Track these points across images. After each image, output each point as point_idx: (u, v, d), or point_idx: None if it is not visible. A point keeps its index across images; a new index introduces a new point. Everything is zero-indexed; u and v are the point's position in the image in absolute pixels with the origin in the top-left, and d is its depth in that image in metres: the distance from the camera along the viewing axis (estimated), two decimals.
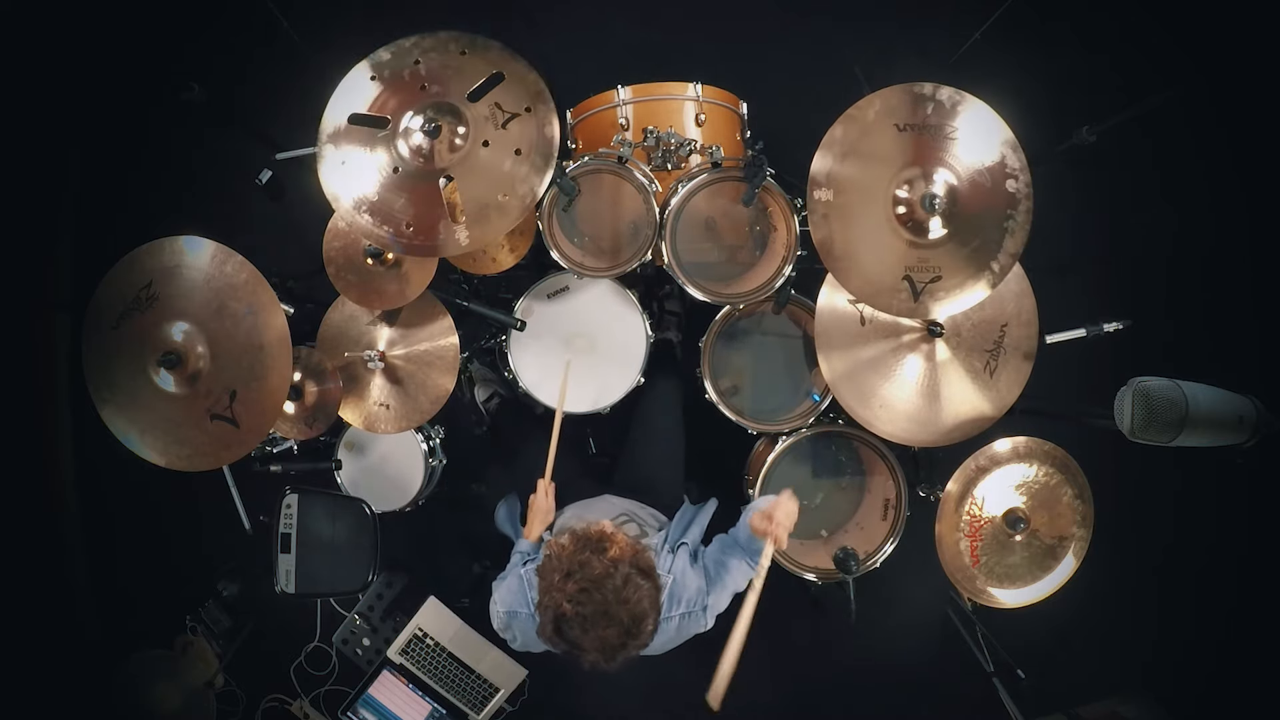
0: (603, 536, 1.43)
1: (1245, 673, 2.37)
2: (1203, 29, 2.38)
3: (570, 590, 1.36)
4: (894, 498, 2.00)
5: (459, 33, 1.66)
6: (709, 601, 1.62)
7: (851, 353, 1.85)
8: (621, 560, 1.39)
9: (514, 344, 2.03)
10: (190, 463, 1.72)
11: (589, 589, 1.36)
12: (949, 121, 1.64)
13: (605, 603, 1.35)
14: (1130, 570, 2.38)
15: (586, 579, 1.36)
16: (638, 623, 1.38)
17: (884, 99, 1.64)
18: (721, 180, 1.86)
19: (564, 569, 1.39)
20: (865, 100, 1.65)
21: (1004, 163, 1.64)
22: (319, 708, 2.54)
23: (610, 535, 1.44)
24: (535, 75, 1.66)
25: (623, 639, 1.37)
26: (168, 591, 2.54)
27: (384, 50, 1.67)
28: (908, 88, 1.64)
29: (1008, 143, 1.64)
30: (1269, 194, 2.41)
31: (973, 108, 1.64)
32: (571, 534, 1.45)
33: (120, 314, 1.68)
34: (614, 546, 1.41)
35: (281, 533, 1.96)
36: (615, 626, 1.36)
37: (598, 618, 1.35)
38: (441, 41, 1.66)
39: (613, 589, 1.36)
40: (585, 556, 1.39)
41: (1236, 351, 2.45)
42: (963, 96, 1.63)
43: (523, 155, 1.65)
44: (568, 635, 1.39)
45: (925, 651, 2.55)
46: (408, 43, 1.67)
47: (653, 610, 1.41)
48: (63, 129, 2.51)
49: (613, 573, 1.37)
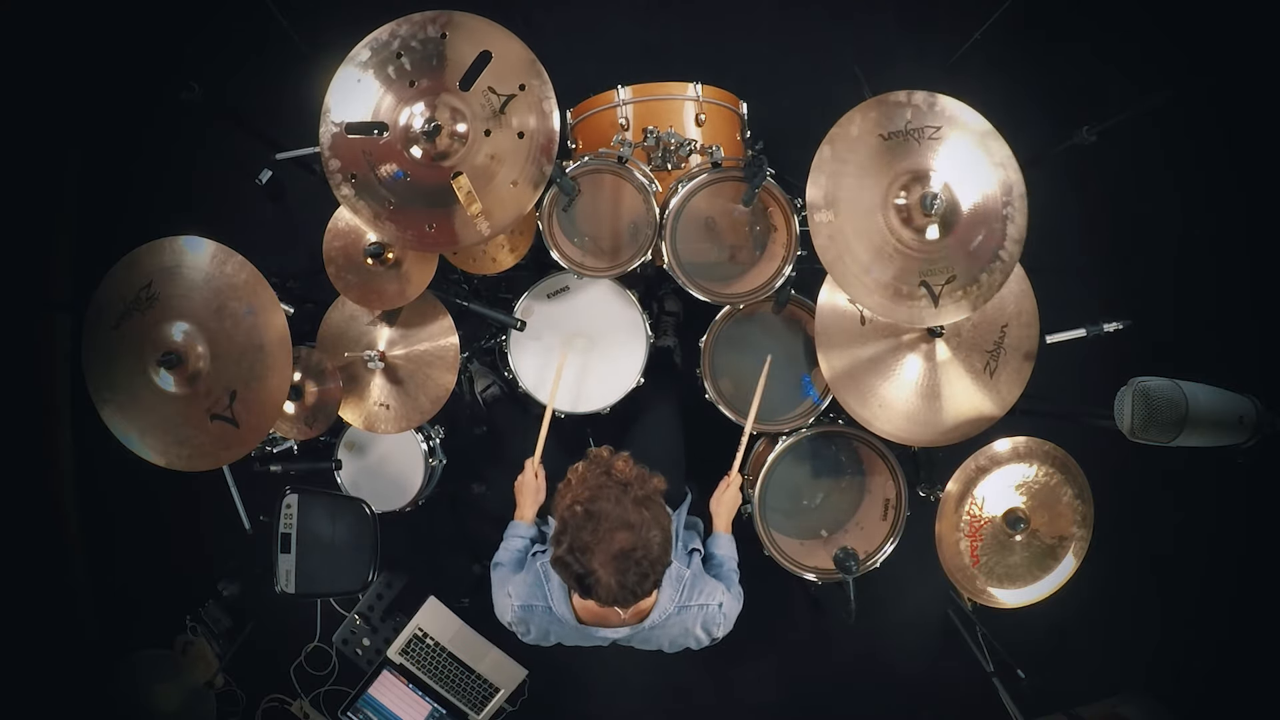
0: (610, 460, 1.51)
1: (1245, 672, 2.37)
2: (1203, 29, 2.38)
3: (580, 494, 1.43)
4: (894, 498, 2.00)
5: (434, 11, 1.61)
6: (723, 599, 1.64)
7: (851, 352, 1.85)
8: (628, 478, 1.46)
9: (514, 344, 2.03)
10: (190, 463, 1.72)
11: (598, 494, 1.42)
12: (929, 123, 1.65)
13: (614, 504, 1.40)
14: (1130, 570, 2.38)
15: (596, 484, 1.44)
16: (645, 526, 1.40)
17: (862, 113, 1.65)
18: (721, 180, 1.86)
19: (576, 483, 1.48)
20: (845, 118, 1.66)
21: (990, 153, 1.65)
22: (319, 708, 2.54)
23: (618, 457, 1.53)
24: (521, 44, 1.62)
25: (632, 543, 1.38)
26: (168, 591, 2.54)
27: (362, 48, 1.63)
28: (882, 99, 1.65)
29: (988, 133, 1.65)
30: (1269, 194, 2.41)
31: (948, 106, 1.65)
32: (586, 461, 1.54)
33: (120, 314, 1.68)
34: (620, 463, 1.50)
35: (281, 533, 1.96)
36: (623, 528, 1.38)
37: (608, 514, 1.39)
38: (418, 25, 1.62)
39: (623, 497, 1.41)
40: (596, 471, 1.48)
41: (1236, 351, 2.45)
42: (936, 98, 1.65)
43: (526, 137, 1.64)
44: (581, 543, 1.38)
45: (925, 651, 2.55)
46: (384, 33, 1.62)
47: (659, 523, 1.43)
48: (63, 129, 2.51)
49: (625, 487, 1.44)
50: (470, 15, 1.62)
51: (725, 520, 1.87)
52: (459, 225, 1.68)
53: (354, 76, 1.64)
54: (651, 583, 1.43)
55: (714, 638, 1.66)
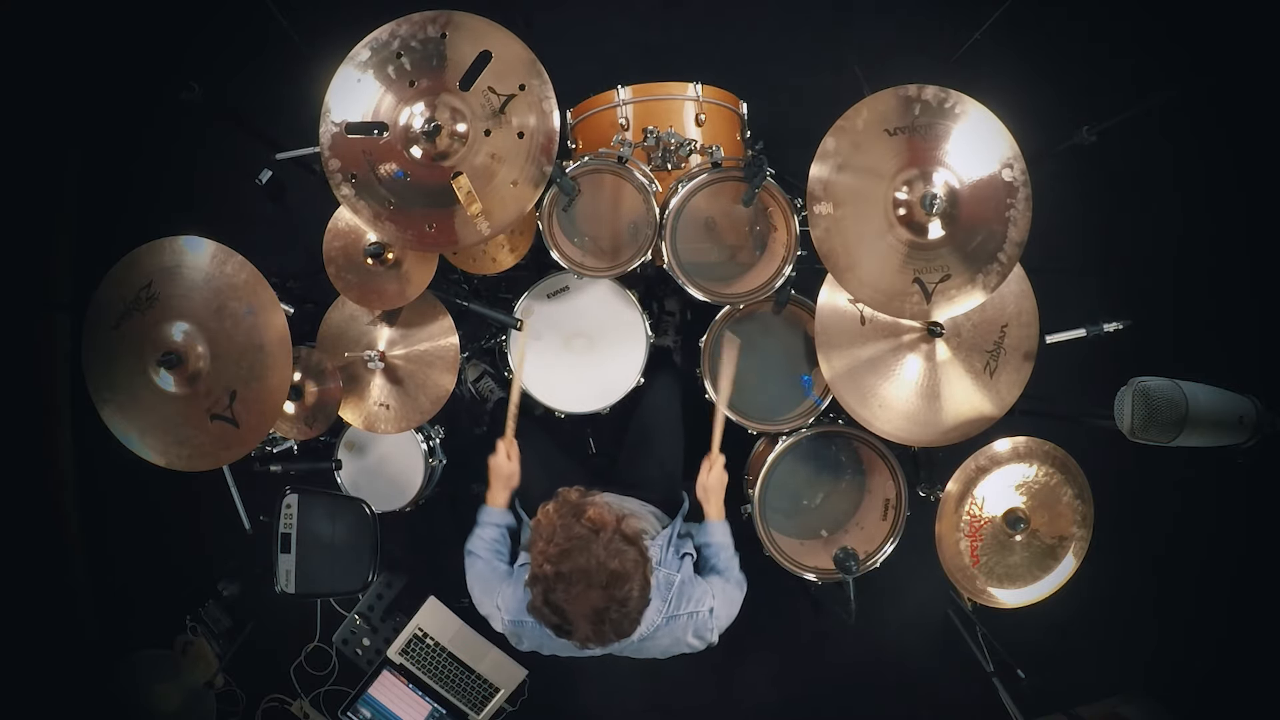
0: (582, 504, 1.45)
1: (1245, 672, 2.37)
2: (1203, 28, 2.38)
3: (551, 552, 1.38)
4: (894, 498, 2.00)
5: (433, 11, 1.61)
6: (714, 604, 1.63)
7: (851, 352, 1.85)
8: (603, 524, 1.41)
9: (514, 344, 2.03)
10: (190, 463, 1.72)
11: (569, 549, 1.37)
12: (938, 120, 1.64)
13: (586, 561, 1.36)
14: (1130, 570, 2.38)
15: (566, 539, 1.38)
16: (620, 583, 1.37)
17: (871, 105, 1.64)
18: (721, 180, 1.86)
19: (547, 535, 1.41)
20: (853, 109, 1.65)
21: (998, 153, 1.64)
22: (319, 708, 2.54)
23: (591, 502, 1.46)
24: (521, 44, 1.62)
25: (606, 601, 1.37)
26: (168, 591, 2.54)
27: (362, 48, 1.63)
28: (894, 91, 1.64)
29: (999, 133, 1.64)
30: (1269, 194, 2.41)
31: (960, 104, 1.63)
32: (555, 501, 1.48)
33: (120, 314, 1.68)
34: (592, 508, 1.43)
35: (281, 533, 1.96)
36: (596, 588, 1.36)
37: (578, 576, 1.36)
38: (418, 25, 1.61)
39: (593, 549, 1.37)
40: (567, 521, 1.41)
41: (1236, 351, 2.45)
42: (948, 94, 1.63)
43: (526, 137, 1.64)
44: (554, 602, 1.38)
45: (925, 651, 2.55)
46: (384, 33, 1.62)
47: (636, 574, 1.40)
48: (63, 129, 2.51)
49: (594, 534, 1.39)
50: (470, 15, 1.62)
51: (716, 505, 1.83)
52: (459, 225, 1.68)
53: (354, 76, 1.64)
54: (631, 623, 1.43)
55: (709, 643, 1.65)
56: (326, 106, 1.64)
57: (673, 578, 1.61)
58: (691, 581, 1.65)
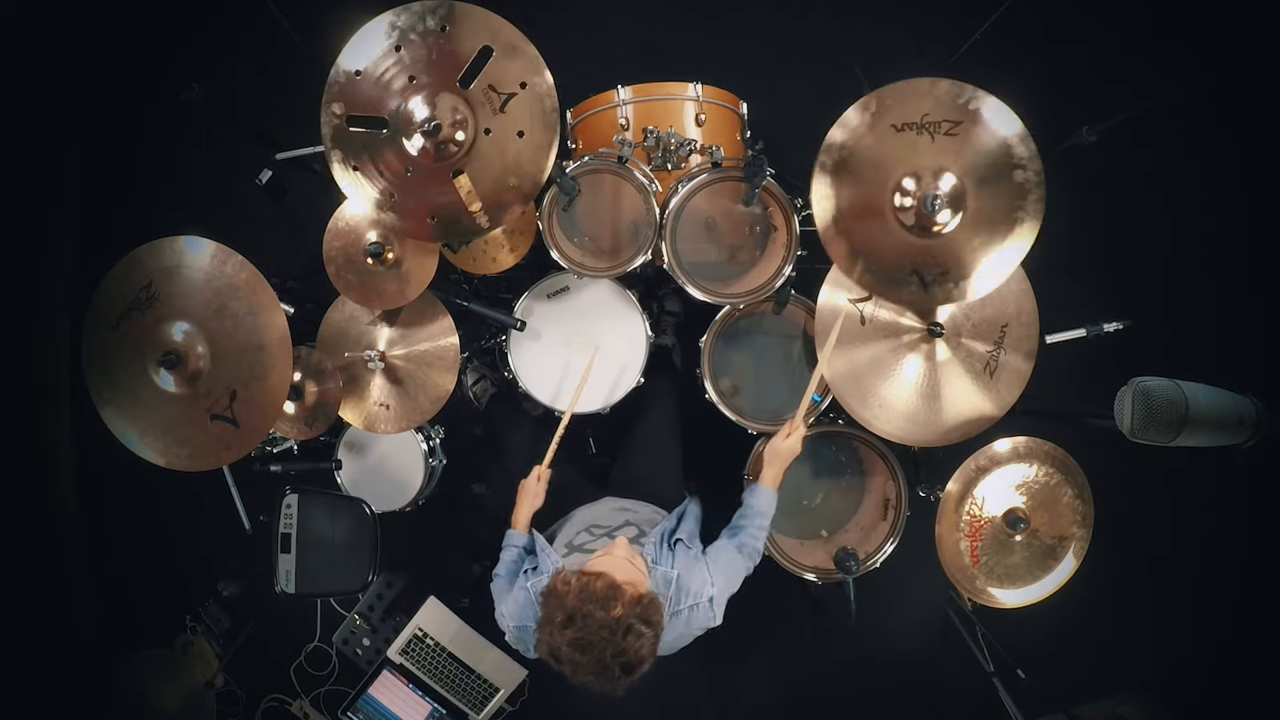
0: (610, 590, 1.39)
1: (1245, 672, 2.37)
2: (1202, 29, 2.38)
3: (569, 637, 1.37)
4: (894, 498, 2.00)
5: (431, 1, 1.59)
6: (713, 592, 1.61)
7: (851, 352, 1.85)
8: (625, 615, 1.38)
9: (514, 344, 2.03)
10: (190, 463, 1.72)
11: (587, 643, 1.36)
12: (949, 118, 1.62)
13: (602, 657, 1.36)
14: (1130, 570, 2.38)
15: (586, 630, 1.36)
16: (632, 670, 1.39)
17: (880, 99, 1.63)
18: (721, 180, 1.86)
19: (566, 613, 1.38)
20: (862, 101, 1.64)
21: (1011, 153, 1.62)
22: (319, 708, 2.54)
23: (619, 587, 1.39)
24: (522, 38, 1.61)
25: (614, 683, 1.40)
26: (168, 591, 2.54)
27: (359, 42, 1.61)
28: (905, 85, 1.62)
29: (1016, 133, 1.61)
30: (1269, 194, 2.41)
31: (978, 100, 1.61)
32: (579, 576, 1.42)
33: (120, 314, 1.68)
34: (619, 603, 1.38)
35: (281, 533, 1.96)
36: (608, 678, 1.38)
37: (591, 666, 1.37)
38: (417, 15, 1.60)
39: (612, 644, 1.36)
40: (589, 609, 1.37)
41: (1236, 351, 2.45)
42: (962, 89, 1.60)
43: (526, 136, 1.64)
44: (561, 669, 1.41)
45: (925, 651, 2.55)
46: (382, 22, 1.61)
47: (650, 655, 1.42)
48: (63, 129, 2.51)
49: (615, 627, 1.36)
50: (474, 6, 1.61)
51: (775, 473, 1.79)
52: (458, 225, 1.68)
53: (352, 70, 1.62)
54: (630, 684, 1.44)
55: (713, 626, 1.63)
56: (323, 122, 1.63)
57: (670, 574, 1.59)
58: (688, 572, 1.61)
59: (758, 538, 1.76)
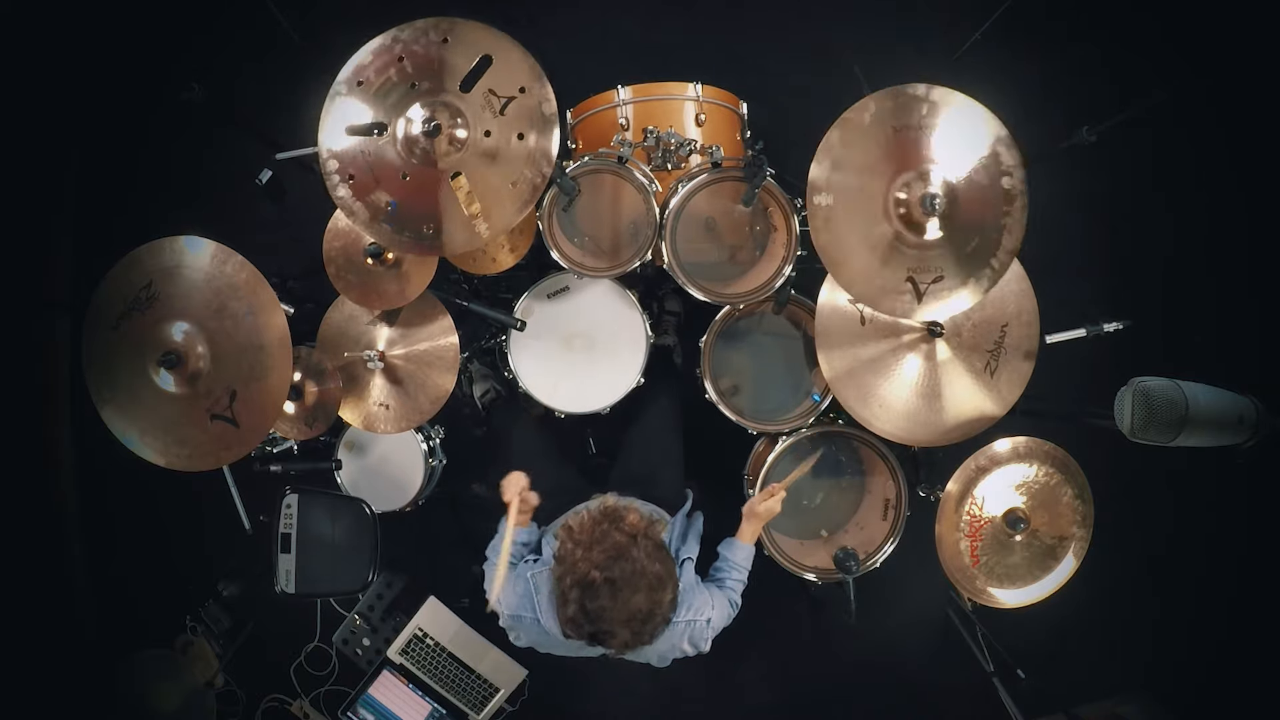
0: (615, 511, 1.47)
1: (1245, 672, 2.37)
2: (1202, 29, 2.38)
3: (597, 558, 1.39)
4: (894, 498, 2.00)
5: (436, 18, 1.61)
6: (712, 615, 1.64)
7: (851, 352, 1.85)
8: (639, 530, 1.44)
9: (514, 344, 2.03)
10: (190, 463, 1.72)
11: (616, 556, 1.39)
12: (942, 120, 1.63)
13: (633, 566, 1.38)
14: (1130, 570, 2.38)
15: (612, 546, 1.40)
16: (662, 587, 1.41)
17: (878, 102, 1.64)
18: (721, 180, 1.86)
19: (586, 541, 1.42)
20: (860, 104, 1.64)
21: (998, 159, 1.64)
22: (319, 708, 2.54)
23: (626, 508, 1.49)
24: (522, 50, 1.62)
25: (650, 605, 1.40)
26: (168, 591, 2.54)
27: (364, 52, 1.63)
28: (901, 89, 1.63)
29: (1001, 140, 1.63)
30: (1268, 194, 2.41)
31: (964, 106, 1.63)
32: (587, 510, 1.50)
33: (120, 314, 1.68)
34: (631, 515, 1.46)
35: (281, 533, 1.96)
36: (643, 592, 1.39)
37: (627, 580, 1.38)
38: (420, 30, 1.62)
39: (638, 554, 1.40)
40: (605, 528, 1.43)
41: (1236, 351, 2.45)
42: (955, 96, 1.63)
43: (525, 139, 1.64)
44: (594, 609, 1.39)
45: (925, 651, 2.55)
46: (385, 39, 1.63)
47: (669, 580, 1.44)
48: (63, 129, 2.51)
49: (636, 540, 1.42)
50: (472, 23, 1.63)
51: (753, 531, 1.82)
52: (458, 226, 1.68)
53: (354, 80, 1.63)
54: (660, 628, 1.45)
55: (700, 650, 1.66)
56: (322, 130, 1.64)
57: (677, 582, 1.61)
58: (693, 589, 1.65)
59: (738, 590, 1.81)
